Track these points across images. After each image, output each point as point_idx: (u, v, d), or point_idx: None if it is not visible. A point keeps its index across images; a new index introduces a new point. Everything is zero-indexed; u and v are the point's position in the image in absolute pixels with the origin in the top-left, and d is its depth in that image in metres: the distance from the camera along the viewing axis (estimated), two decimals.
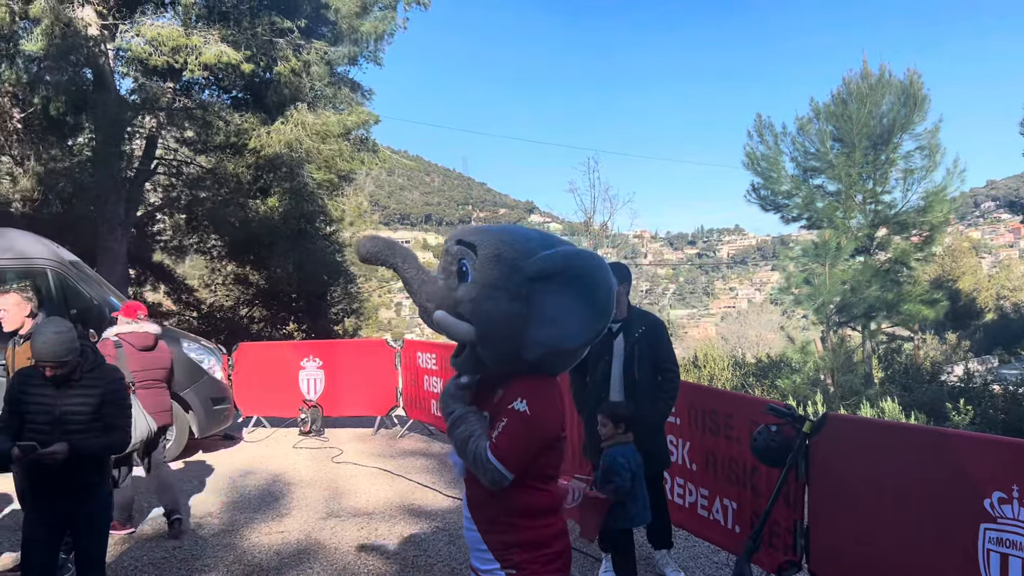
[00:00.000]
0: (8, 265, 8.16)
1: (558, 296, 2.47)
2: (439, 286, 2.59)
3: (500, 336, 2.49)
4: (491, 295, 2.49)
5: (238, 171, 16.57)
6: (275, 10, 15.37)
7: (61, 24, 13.42)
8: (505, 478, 2.44)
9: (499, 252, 2.54)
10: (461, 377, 2.69)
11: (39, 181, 15.80)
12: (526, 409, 2.48)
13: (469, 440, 2.50)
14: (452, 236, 2.72)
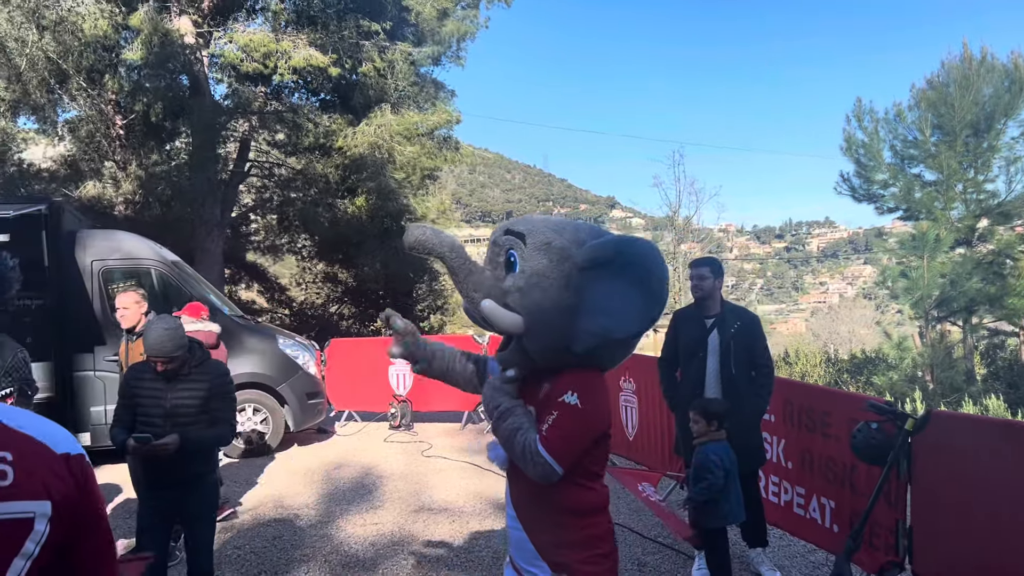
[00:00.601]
0: (117, 265, 8.58)
1: (609, 285, 2.41)
2: (486, 276, 2.55)
3: (549, 327, 2.43)
4: (540, 284, 2.44)
5: (326, 172, 16.98)
6: (361, 13, 15.68)
7: (159, 34, 14.00)
8: (555, 472, 2.36)
9: (548, 241, 2.49)
10: (507, 370, 2.61)
11: (140, 185, 16.52)
12: (577, 402, 2.41)
13: (517, 433, 2.43)
14: (500, 227, 2.67)
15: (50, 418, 1.52)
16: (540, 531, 2.54)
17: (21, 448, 1.40)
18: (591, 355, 2.50)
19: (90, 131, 16.34)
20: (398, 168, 16.78)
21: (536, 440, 2.37)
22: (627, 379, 8.08)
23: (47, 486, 1.40)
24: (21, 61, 14.15)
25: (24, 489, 1.38)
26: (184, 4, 14.91)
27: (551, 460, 2.35)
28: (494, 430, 2.52)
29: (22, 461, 1.39)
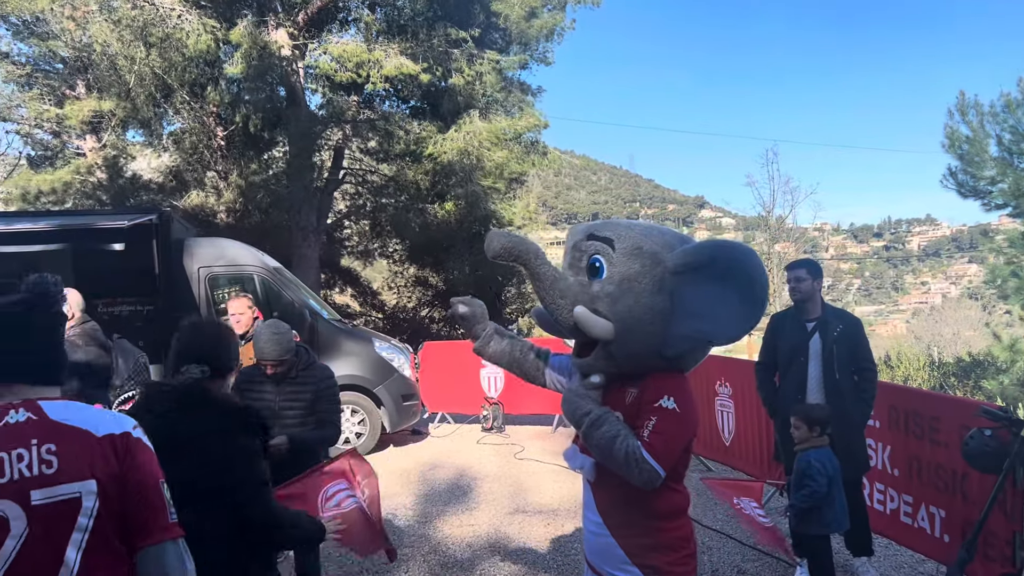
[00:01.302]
0: (222, 272, 8.96)
1: (705, 288, 2.39)
2: (571, 283, 2.53)
3: (641, 332, 2.43)
4: (631, 289, 2.43)
5: (417, 178, 17.30)
6: (450, 21, 15.92)
7: (258, 47, 14.53)
8: (659, 477, 2.36)
9: (639, 245, 2.48)
10: (591, 376, 2.60)
11: (240, 193, 17.18)
12: (675, 407, 2.41)
13: (616, 440, 2.39)
14: (578, 231, 2.64)
15: None
16: (631, 536, 2.53)
17: (65, 438, 1.71)
18: (680, 360, 2.50)
19: (193, 143, 17.08)
20: (486, 174, 16.95)
21: (640, 446, 2.36)
22: (723, 383, 7.95)
23: (91, 467, 1.71)
24: (130, 77, 14.92)
25: (69, 473, 1.68)
26: (281, 18, 15.42)
27: (656, 465, 2.35)
28: (586, 437, 2.50)
29: (66, 449, 1.70)
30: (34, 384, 1.80)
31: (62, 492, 1.68)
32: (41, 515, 1.66)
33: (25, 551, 1.65)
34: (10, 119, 17.83)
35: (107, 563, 1.73)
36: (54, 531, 1.67)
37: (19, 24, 16.27)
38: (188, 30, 14.20)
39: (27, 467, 1.67)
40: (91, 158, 17.22)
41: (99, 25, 14.27)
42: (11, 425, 1.71)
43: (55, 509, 1.67)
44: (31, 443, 1.69)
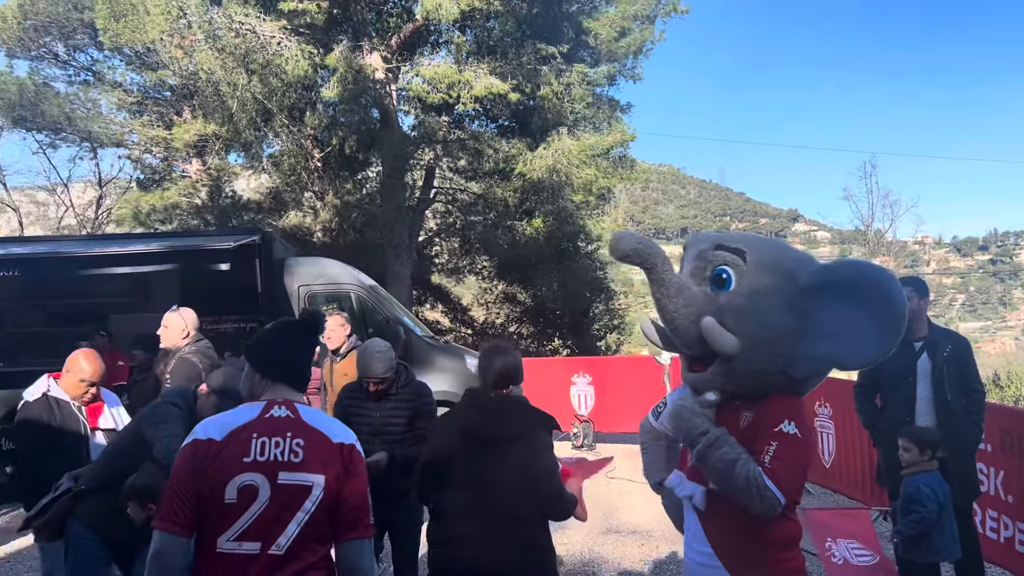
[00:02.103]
0: (321, 290, 9.25)
1: (842, 310, 2.30)
2: (694, 292, 2.44)
3: (767, 349, 2.35)
4: (761, 304, 2.35)
5: (505, 195, 17.46)
6: (539, 39, 16.06)
7: (353, 71, 14.95)
8: (780, 505, 2.27)
9: (774, 260, 2.41)
10: (706, 393, 2.50)
11: (336, 213, 17.70)
12: (796, 432, 2.32)
13: (736, 464, 2.30)
14: (702, 240, 2.57)
15: None
16: (746, 567, 2.43)
17: (310, 437, 2.19)
18: (805, 382, 2.43)
19: (291, 164, 17.68)
20: (575, 190, 16.99)
21: (761, 472, 2.27)
22: (823, 403, 7.74)
23: (324, 465, 2.17)
24: (233, 103, 15.55)
25: (309, 465, 2.15)
26: (375, 42, 15.86)
27: (778, 492, 2.26)
28: (701, 458, 2.40)
29: (309, 446, 2.18)
30: (291, 388, 2.33)
31: (300, 479, 2.14)
32: (281, 492, 2.12)
33: (262, 515, 2.11)
34: (123, 144, 18.90)
35: (314, 541, 2.17)
36: (286, 506, 2.13)
37: (131, 55, 17.22)
38: (287, 56, 14.73)
39: (281, 453, 2.15)
40: (196, 180, 18.05)
41: (204, 53, 14.94)
42: (275, 418, 2.21)
43: (292, 490, 2.13)
44: (287, 435, 2.18)
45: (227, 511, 2.11)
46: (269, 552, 2.10)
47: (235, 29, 14.61)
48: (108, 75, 18.32)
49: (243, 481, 2.12)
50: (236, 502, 2.11)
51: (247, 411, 2.25)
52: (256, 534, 2.10)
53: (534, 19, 16.16)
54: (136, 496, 3.38)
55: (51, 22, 17.07)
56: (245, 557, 2.09)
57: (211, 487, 2.11)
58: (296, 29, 14.91)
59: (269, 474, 2.13)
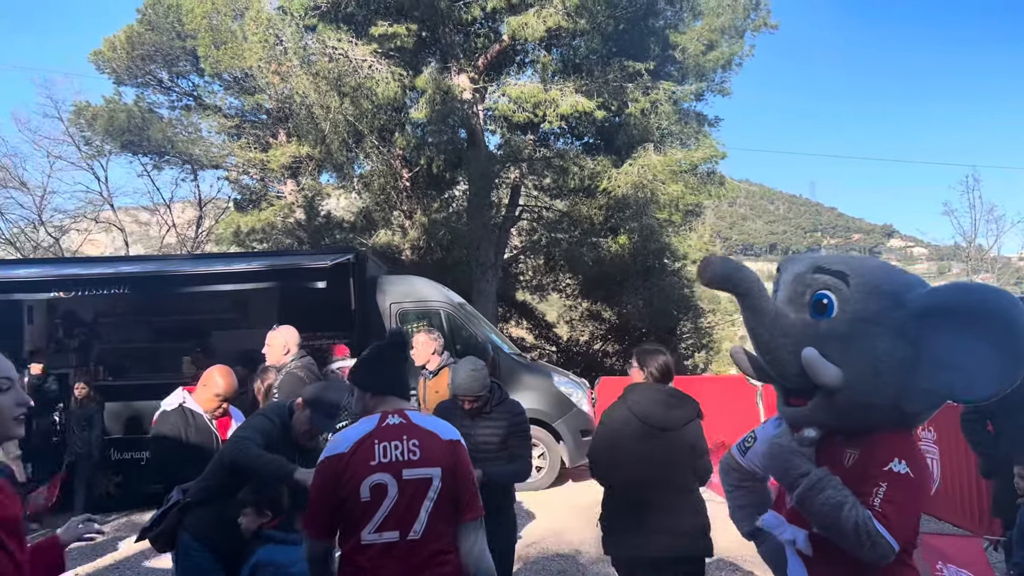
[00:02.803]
0: (411, 308, 9.41)
1: (957, 337, 2.10)
2: (792, 320, 2.26)
3: (875, 381, 2.15)
4: (867, 332, 2.16)
5: (591, 212, 17.44)
6: (625, 56, 16.03)
7: (441, 92, 15.22)
8: (893, 552, 2.08)
9: (880, 282, 2.22)
10: (805, 430, 2.33)
11: (424, 231, 17.97)
12: (908, 471, 2.13)
13: (843, 508, 2.11)
14: (800, 262, 2.40)
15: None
16: None
17: (423, 437, 2.58)
18: (918, 417, 2.26)
19: (381, 184, 18.05)
20: (661, 207, 16.84)
21: (870, 516, 2.09)
22: (926, 428, 7.44)
23: (438, 459, 2.55)
24: (326, 125, 16.02)
25: (426, 461, 2.54)
26: (462, 64, 16.12)
27: (890, 538, 2.08)
28: (802, 502, 2.22)
29: (423, 445, 2.56)
30: (398, 397, 2.71)
31: (421, 473, 2.52)
32: (407, 486, 2.49)
33: (394, 508, 2.47)
34: (221, 166, 19.67)
35: (443, 524, 2.53)
36: (414, 497, 2.49)
37: (230, 80, 17.95)
38: (378, 79, 15.10)
39: (401, 453, 2.52)
40: (290, 200, 18.63)
41: (299, 78, 15.46)
42: (390, 425, 2.59)
43: (416, 483, 2.50)
44: (403, 438, 2.55)
45: (365, 508, 2.46)
46: (408, 538, 2.46)
47: (328, 54, 15.06)
48: (208, 100, 19.12)
49: (373, 481, 2.48)
50: (370, 499, 2.47)
51: (366, 423, 2.62)
52: (394, 524, 2.46)
53: (620, 36, 16.15)
54: (255, 505, 3.48)
55: (156, 51, 17.92)
56: (387, 545, 2.45)
57: (348, 491, 2.47)
58: (386, 52, 15.27)
59: (395, 472, 2.49)
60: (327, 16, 15.25)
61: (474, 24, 16.24)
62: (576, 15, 14.79)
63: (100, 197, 21.20)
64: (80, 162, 20.56)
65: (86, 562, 6.99)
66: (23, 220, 21.10)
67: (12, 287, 8.39)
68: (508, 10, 15.05)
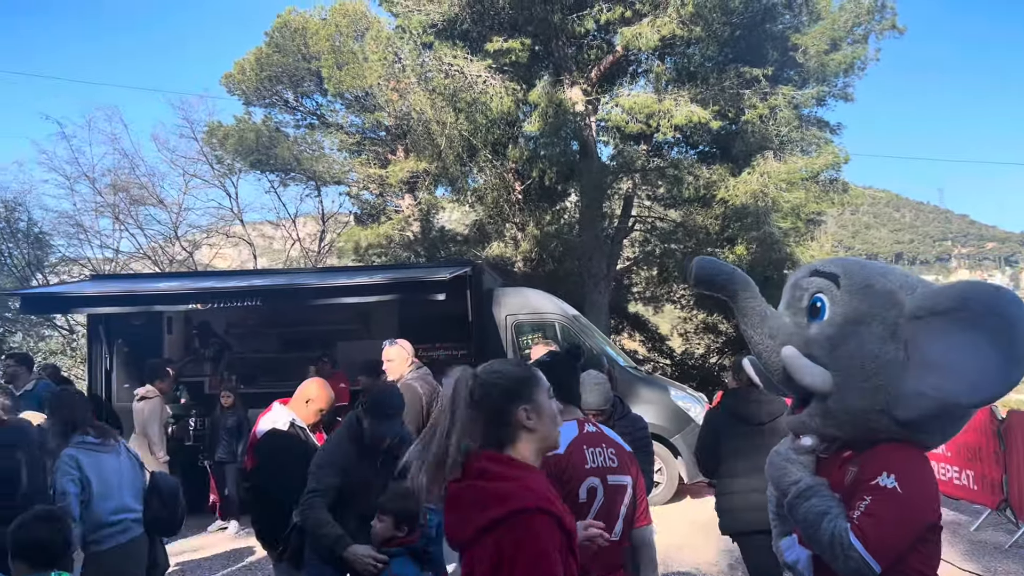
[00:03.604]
0: (527, 319, 9.49)
1: (953, 338, 1.98)
2: (785, 322, 2.23)
3: (864, 385, 2.06)
4: (856, 333, 2.08)
5: (706, 222, 17.13)
6: (742, 62, 15.72)
7: (553, 105, 15.32)
8: (871, 570, 1.97)
9: (869, 283, 2.13)
10: (802, 438, 2.26)
11: (536, 243, 18.09)
12: (896, 486, 2.00)
13: (824, 518, 2.04)
14: (804, 268, 2.36)
15: None
16: None
17: (616, 446, 2.80)
18: (917, 426, 2.10)
19: (494, 197, 18.31)
20: (782, 216, 16.37)
21: (847, 529, 2.01)
22: None
23: (628, 467, 2.77)
24: (441, 140, 16.40)
25: (623, 468, 2.74)
26: (575, 76, 16.17)
27: (866, 555, 1.97)
28: (790, 510, 2.19)
29: (619, 454, 2.77)
30: (577, 407, 2.91)
31: (620, 480, 2.70)
32: (610, 491, 2.65)
33: (600, 510, 2.61)
34: (342, 182, 20.41)
35: (630, 528, 2.75)
36: (614, 502, 2.66)
37: (351, 99, 18.62)
38: (492, 94, 15.33)
39: (604, 460, 2.69)
40: (407, 213, 19.13)
41: (417, 95, 15.88)
42: (590, 432, 2.76)
43: (616, 489, 2.68)
44: (603, 445, 2.74)
45: (579, 509, 2.55)
46: (609, 539, 2.53)
47: (444, 70, 15.41)
48: (331, 119, 19.89)
49: (589, 484, 2.63)
50: (585, 501, 2.60)
51: (570, 428, 2.73)
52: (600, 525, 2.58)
53: (736, 42, 15.83)
54: (394, 515, 3.54)
55: (283, 72, 18.78)
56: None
57: (568, 491, 2.55)
58: (501, 67, 15.49)
59: (602, 477, 2.66)
60: (443, 33, 15.61)
61: (587, 36, 16.27)
62: (691, 23, 14.59)
63: (231, 213, 22.35)
64: (213, 180, 21.76)
65: (220, 566, 7.35)
66: (160, 235, 22.46)
67: (154, 299, 8.92)
68: (621, 21, 15.02)
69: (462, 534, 1.81)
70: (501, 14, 15.25)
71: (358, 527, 3.73)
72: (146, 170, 21.63)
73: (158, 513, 4.22)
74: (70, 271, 22.27)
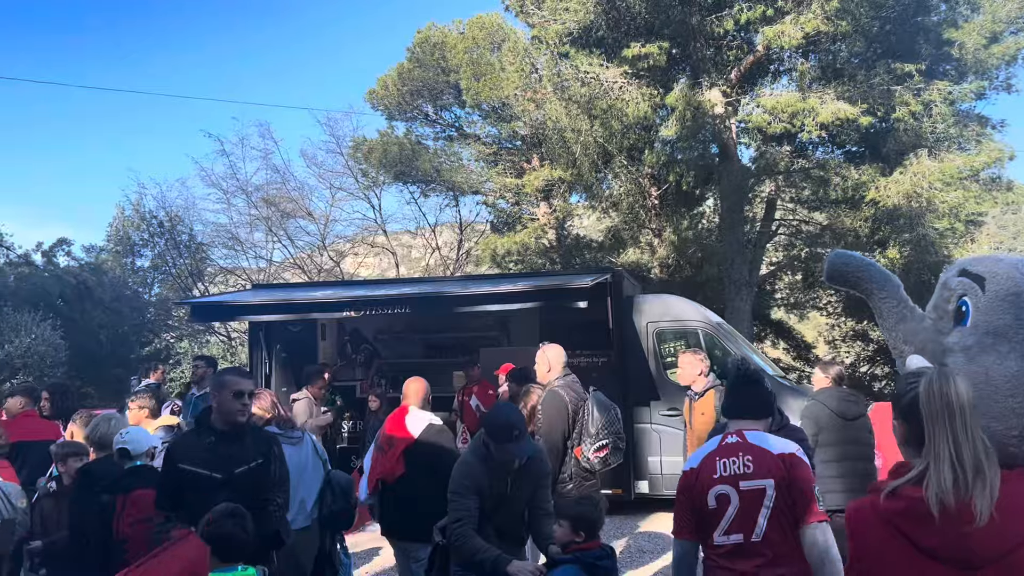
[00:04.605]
0: (668, 327, 9.37)
1: None
2: (924, 325, 2.05)
3: (996, 406, 1.84)
4: (995, 346, 1.87)
5: (855, 225, 16.41)
6: (892, 57, 14.97)
7: (691, 108, 15.05)
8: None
9: (1018, 290, 1.89)
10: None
11: (673, 249, 17.83)
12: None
13: None
14: (955, 265, 2.13)
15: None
16: None
17: (755, 453, 2.86)
18: None
19: (630, 203, 18.17)
20: (939, 217, 15.45)
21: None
22: None
23: (769, 471, 2.81)
24: (576, 148, 16.42)
25: (759, 473, 2.81)
26: (714, 78, 15.84)
27: None
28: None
29: (756, 460, 2.85)
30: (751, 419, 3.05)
31: (755, 484, 2.80)
32: (745, 495, 2.80)
33: (736, 515, 2.78)
34: (479, 192, 20.81)
35: (781, 529, 2.78)
36: (752, 505, 2.78)
37: (488, 110, 18.99)
38: (628, 99, 15.23)
39: (737, 468, 2.84)
40: (543, 221, 19.28)
41: (552, 103, 15.99)
42: (728, 444, 2.94)
43: (752, 493, 2.80)
44: (738, 454, 2.87)
45: (712, 514, 2.83)
46: (751, 540, 2.76)
47: (580, 78, 15.43)
48: (469, 130, 20.34)
49: (718, 491, 2.84)
50: (716, 507, 2.82)
51: (711, 443, 3.02)
52: (737, 528, 2.79)
53: (886, 36, 15.10)
54: (573, 521, 3.58)
55: (423, 86, 19.37)
56: (735, 546, 2.80)
57: (698, 500, 2.87)
58: (637, 72, 15.38)
59: (734, 484, 2.83)
60: (579, 42, 15.63)
61: (726, 37, 15.91)
62: (837, 18, 14.02)
63: (374, 224, 23.22)
64: (358, 192, 22.69)
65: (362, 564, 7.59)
66: (309, 246, 23.60)
67: (312, 307, 9.37)
68: (762, 20, 14.61)
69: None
70: (637, 19, 15.14)
71: (497, 541, 3.81)
72: (296, 184, 22.83)
73: (332, 507, 4.43)
74: (227, 280, 23.77)
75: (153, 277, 24.30)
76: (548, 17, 15.52)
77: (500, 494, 3.91)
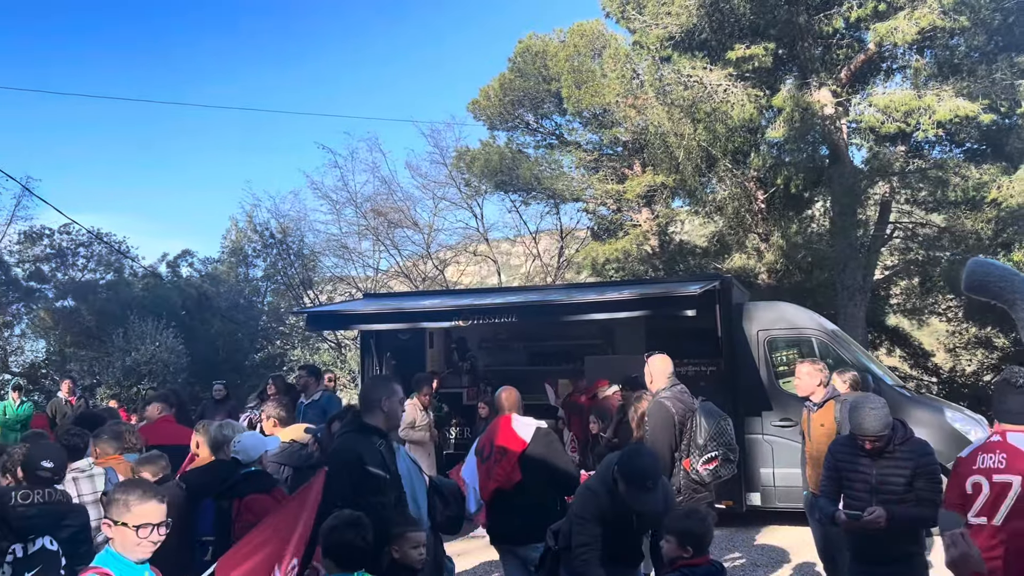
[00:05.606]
0: (780, 335, 9.11)
1: None
2: None
3: None
4: None
5: (976, 227, 15.64)
6: (1015, 51, 14.21)
7: (800, 109, 14.66)
8: None
9: None
10: None
11: (782, 254, 17.36)
12: None
13: None
14: None
15: None
16: None
17: (1010, 453, 3.18)
18: None
19: (735, 207, 17.82)
20: None
21: None
22: None
23: (1019, 470, 3.12)
24: (679, 152, 16.24)
25: (1010, 469, 3.13)
26: (823, 77, 15.38)
27: None
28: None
29: (1010, 458, 3.16)
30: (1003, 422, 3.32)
31: (1004, 478, 3.17)
32: (994, 487, 3.18)
33: (987, 501, 3.18)
34: (580, 199, 20.80)
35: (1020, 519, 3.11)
36: (999, 495, 3.15)
37: (589, 117, 18.97)
38: (732, 102, 14.94)
39: (992, 463, 3.20)
40: (644, 227, 19.11)
41: (654, 109, 15.84)
42: (991, 442, 3.29)
43: (1001, 485, 3.16)
44: (996, 451, 3.22)
45: (968, 498, 3.24)
46: (992, 523, 3.15)
47: (683, 82, 15.24)
48: (569, 137, 20.36)
49: (973, 480, 3.23)
50: (971, 493, 3.22)
51: (980, 439, 3.41)
52: (985, 512, 3.18)
53: (1008, 29, 14.33)
54: (679, 536, 3.53)
55: (524, 96, 19.51)
56: (979, 526, 3.17)
57: (959, 484, 3.29)
58: (742, 74, 15.08)
59: (987, 476, 3.20)
60: (681, 45, 15.43)
61: (835, 36, 15.43)
62: (954, 12, 13.41)
63: (477, 232, 23.51)
64: (460, 202, 23.02)
65: (482, 570, 7.68)
66: (414, 255, 24.09)
67: (422, 316, 9.56)
68: (874, 16, 14.10)
69: None
70: (741, 20, 14.84)
71: (611, 564, 3.89)
72: (402, 195, 23.34)
73: (446, 513, 4.53)
74: (336, 289, 24.51)
75: (265, 286, 25.26)
76: (649, 22, 15.39)
77: (620, 527, 3.97)
